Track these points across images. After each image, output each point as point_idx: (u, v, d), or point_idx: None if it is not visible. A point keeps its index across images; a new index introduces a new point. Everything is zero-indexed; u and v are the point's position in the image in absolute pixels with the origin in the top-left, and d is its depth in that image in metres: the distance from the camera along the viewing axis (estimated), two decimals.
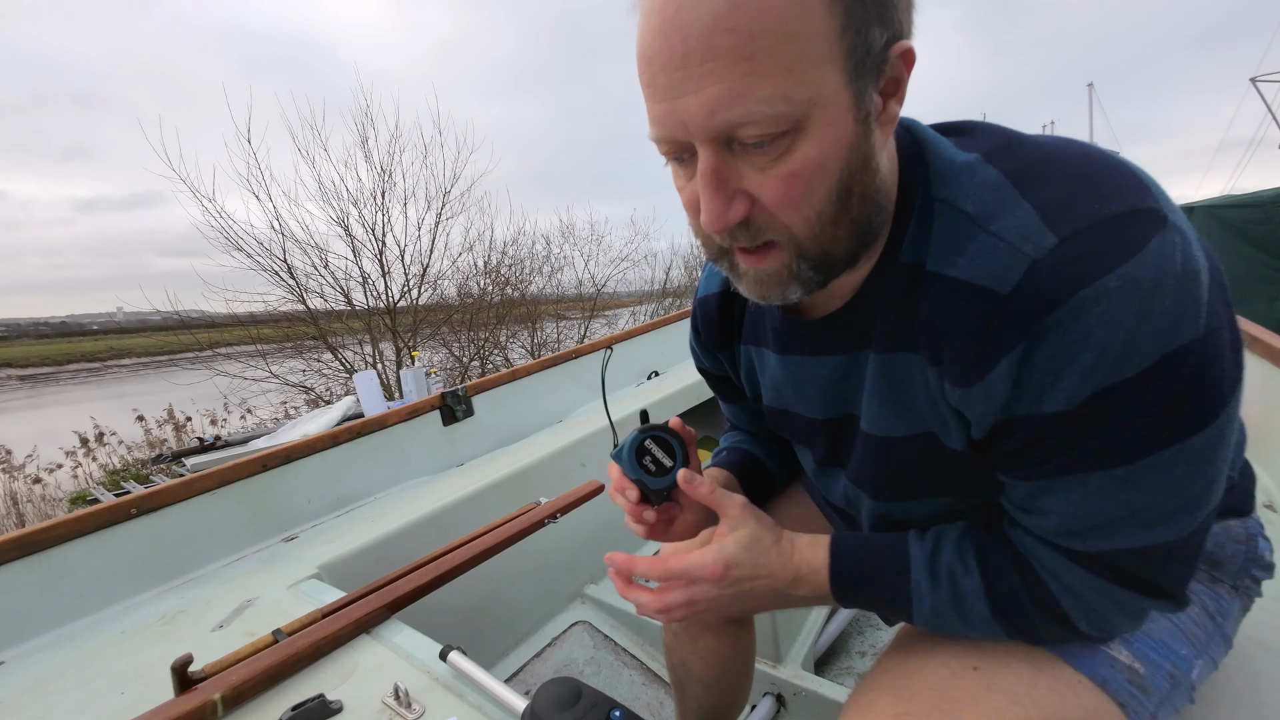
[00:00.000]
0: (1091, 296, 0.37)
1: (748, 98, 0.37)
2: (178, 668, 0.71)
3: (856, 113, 0.39)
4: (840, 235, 0.43)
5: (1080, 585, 0.46)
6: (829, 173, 0.40)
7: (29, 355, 47.43)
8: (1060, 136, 0.44)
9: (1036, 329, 0.39)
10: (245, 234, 6.47)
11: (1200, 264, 0.37)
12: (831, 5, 0.36)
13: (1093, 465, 0.41)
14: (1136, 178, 0.39)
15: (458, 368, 7.93)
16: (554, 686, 0.62)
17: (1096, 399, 0.38)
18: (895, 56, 0.40)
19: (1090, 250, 0.37)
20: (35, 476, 6.63)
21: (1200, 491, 0.41)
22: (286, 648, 0.77)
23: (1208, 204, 5.68)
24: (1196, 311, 0.37)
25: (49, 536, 1.02)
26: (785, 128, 0.38)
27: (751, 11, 0.35)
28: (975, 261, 0.41)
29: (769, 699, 1.15)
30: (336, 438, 1.41)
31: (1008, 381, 0.41)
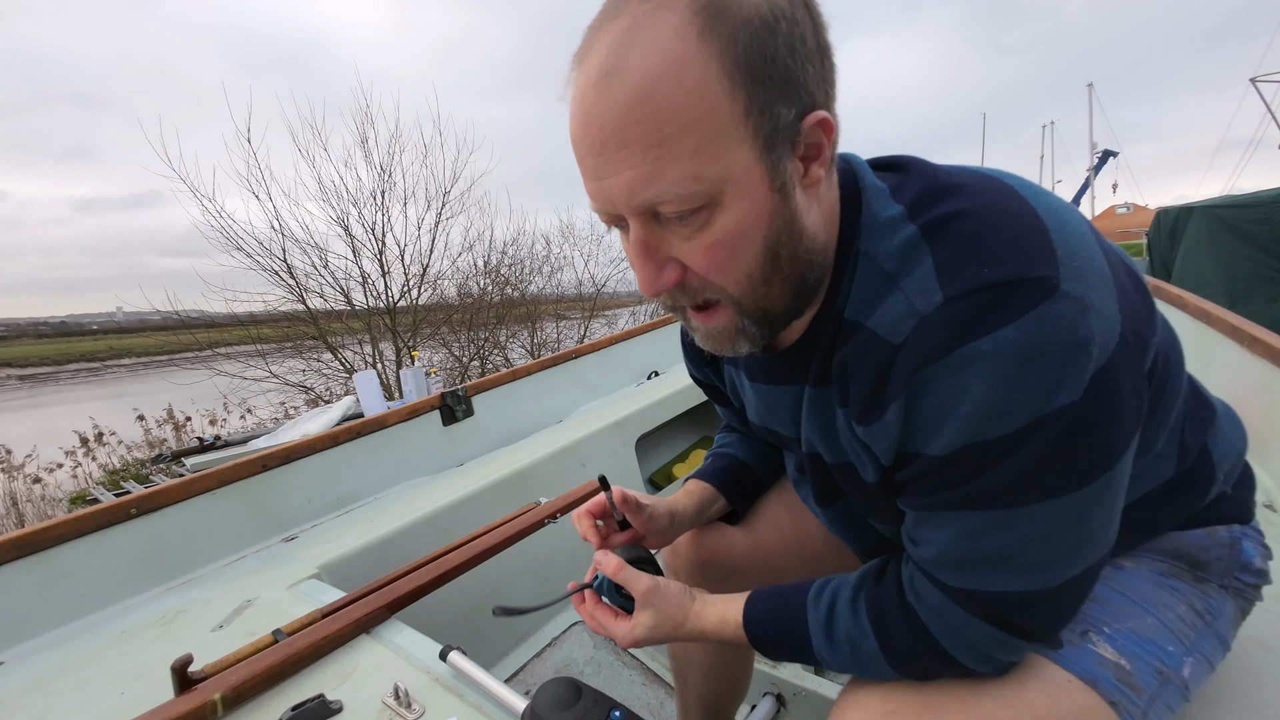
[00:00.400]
0: (968, 355, 0.39)
1: (661, 179, 0.40)
2: (178, 668, 0.71)
3: (772, 183, 0.42)
4: (774, 293, 0.46)
5: (959, 623, 0.47)
6: (751, 240, 0.43)
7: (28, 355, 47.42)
8: (992, 180, 0.45)
9: (918, 378, 0.42)
10: (245, 234, 6.48)
11: (1091, 334, 0.38)
12: (733, 91, 0.39)
13: (968, 505, 0.44)
14: (1038, 242, 0.40)
15: (457, 368, 7.93)
16: (554, 686, 0.62)
17: (972, 449, 0.41)
18: (810, 127, 0.42)
19: (971, 312, 0.39)
20: (35, 476, 6.63)
21: (1071, 547, 0.44)
22: (286, 648, 0.77)
23: (1207, 204, 5.68)
24: (1077, 379, 0.38)
25: (49, 536, 1.02)
26: (701, 204, 0.41)
27: (657, 102, 0.38)
28: (884, 314, 0.45)
29: (769, 698, 1.15)
30: (336, 438, 1.41)
31: (898, 423, 0.45)
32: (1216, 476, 0.58)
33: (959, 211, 0.43)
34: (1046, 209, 0.42)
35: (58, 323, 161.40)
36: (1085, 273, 0.40)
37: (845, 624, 0.53)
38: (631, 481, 1.77)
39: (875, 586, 0.54)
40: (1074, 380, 0.39)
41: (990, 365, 0.39)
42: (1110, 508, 0.44)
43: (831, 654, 0.54)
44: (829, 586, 0.57)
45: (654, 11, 0.39)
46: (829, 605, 0.55)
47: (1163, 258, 6.23)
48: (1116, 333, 0.40)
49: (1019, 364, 0.38)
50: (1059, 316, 0.38)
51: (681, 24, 0.38)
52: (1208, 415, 0.59)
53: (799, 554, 0.84)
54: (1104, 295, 0.40)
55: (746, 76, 0.39)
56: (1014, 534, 0.43)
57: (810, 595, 0.57)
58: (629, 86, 0.39)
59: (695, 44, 0.38)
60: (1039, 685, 0.50)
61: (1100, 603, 0.56)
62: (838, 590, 0.56)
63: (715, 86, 0.39)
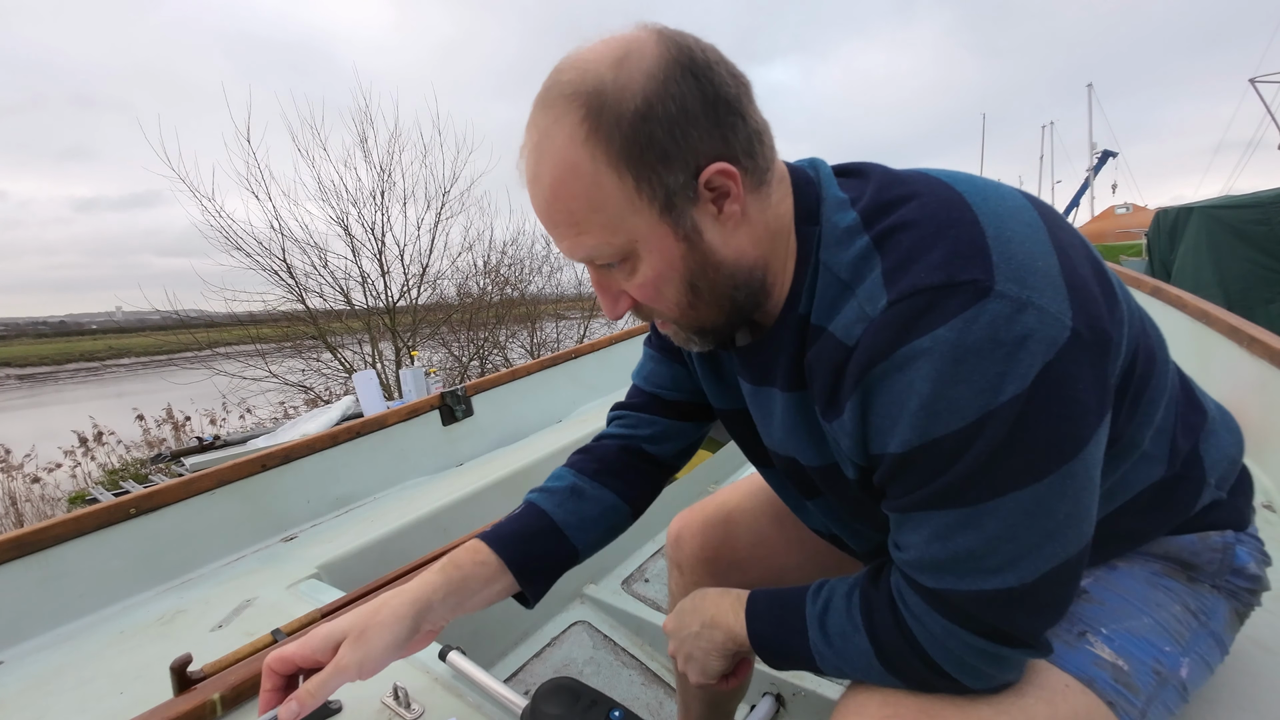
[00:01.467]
0: (910, 353, 0.43)
1: (584, 247, 0.50)
2: (176, 668, 0.71)
3: (677, 234, 0.49)
4: (703, 314, 0.54)
5: (940, 633, 0.48)
6: (669, 279, 0.51)
7: (28, 354, 47.38)
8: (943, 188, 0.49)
9: (869, 377, 0.46)
10: (244, 233, 6.48)
11: (1029, 330, 0.41)
12: (620, 175, 0.47)
13: (935, 504, 0.46)
14: (973, 248, 0.43)
15: (457, 367, 7.93)
16: (553, 686, 0.62)
17: (928, 446, 0.44)
18: (709, 176, 0.48)
19: (910, 314, 0.43)
20: (34, 476, 6.62)
21: (1038, 542, 0.45)
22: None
23: (1207, 205, 5.69)
24: (1020, 373, 0.41)
25: (48, 536, 1.02)
26: (622, 258, 0.51)
27: (565, 198, 0.48)
28: (841, 318, 0.49)
29: (768, 698, 1.15)
30: (336, 437, 1.41)
31: (856, 421, 0.48)
32: (1207, 482, 0.57)
33: (905, 222, 0.47)
34: (990, 215, 0.45)
35: (57, 322, 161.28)
36: (1023, 273, 0.42)
37: (839, 619, 0.54)
38: None
39: (869, 586, 0.54)
40: (1018, 374, 0.41)
41: (930, 362, 0.42)
42: (1076, 501, 0.45)
43: (827, 649, 0.55)
44: (828, 584, 0.58)
45: (554, 125, 0.47)
46: (825, 600, 0.56)
47: (1162, 258, 6.24)
48: (1066, 328, 0.42)
49: (955, 361, 0.41)
50: (993, 315, 0.41)
51: (572, 132, 0.47)
52: (1199, 419, 0.59)
53: (801, 550, 0.84)
54: (1047, 294, 0.42)
55: (630, 163, 0.46)
56: (982, 532, 0.45)
57: (809, 592, 0.58)
58: (546, 188, 0.49)
59: (583, 147, 0.46)
60: (1036, 692, 0.50)
61: (1096, 603, 0.57)
62: (835, 587, 0.57)
63: (604, 177, 0.47)
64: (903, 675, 0.51)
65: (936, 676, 0.49)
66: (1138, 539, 0.59)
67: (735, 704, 0.99)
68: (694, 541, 0.86)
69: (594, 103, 0.46)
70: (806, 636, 0.56)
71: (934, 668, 0.49)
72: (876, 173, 0.54)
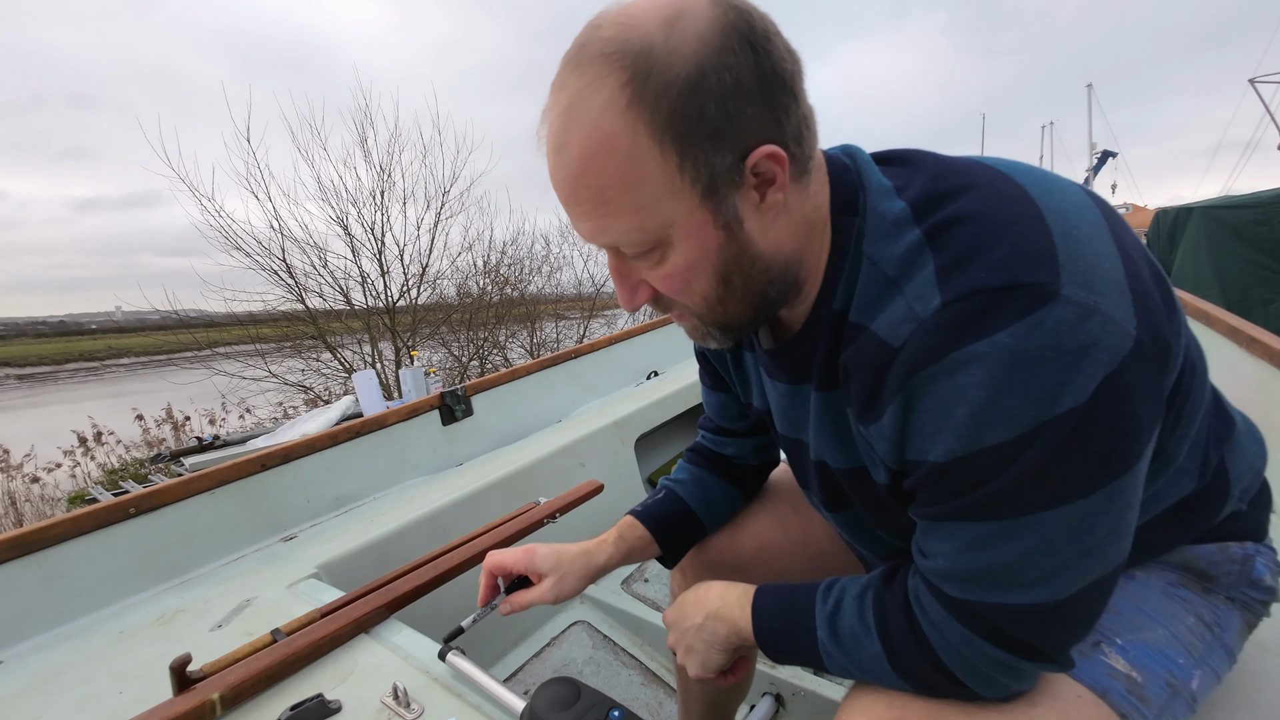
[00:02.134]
0: (963, 358, 0.40)
1: (611, 231, 0.46)
2: (176, 667, 0.71)
3: (716, 222, 0.45)
4: (731, 310, 0.50)
5: (959, 642, 0.47)
6: (701, 271, 0.47)
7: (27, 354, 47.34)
8: (1002, 179, 0.45)
9: (915, 381, 0.42)
10: (244, 233, 6.48)
11: (1094, 339, 0.38)
12: (663, 152, 0.42)
13: (972, 515, 0.43)
14: (1039, 247, 0.40)
15: (457, 367, 7.93)
16: (553, 686, 0.62)
17: (974, 456, 0.41)
18: (756, 161, 0.44)
19: (966, 316, 0.40)
20: (33, 476, 6.62)
21: (1077, 557, 0.42)
22: (285, 647, 0.77)
23: (1206, 205, 5.69)
24: (1081, 384, 0.38)
25: (47, 536, 1.02)
26: (651, 246, 0.46)
27: (596, 172, 0.43)
28: (886, 317, 0.45)
29: (768, 698, 1.15)
30: (335, 437, 1.41)
31: (896, 426, 0.45)
32: (1231, 494, 0.56)
33: (963, 215, 0.43)
34: (1055, 211, 0.42)
35: (56, 322, 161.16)
36: (1091, 277, 0.39)
37: (850, 619, 0.53)
38: (631, 481, 1.77)
39: (883, 588, 0.53)
40: (1078, 385, 0.38)
41: (984, 368, 0.39)
42: (1119, 518, 0.42)
43: (836, 649, 0.54)
44: (838, 584, 0.57)
45: (588, 87, 0.42)
46: (836, 600, 0.55)
47: (1162, 258, 6.23)
48: (1130, 337, 0.39)
49: (1013, 368, 0.38)
50: (1057, 322, 0.38)
51: (611, 98, 0.41)
52: (1227, 430, 0.57)
53: (805, 554, 0.84)
54: (1114, 300, 0.39)
55: (675, 138, 0.42)
56: (1019, 545, 0.42)
57: (819, 590, 0.57)
58: (573, 160, 0.44)
59: (623, 117, 0.41)
60: (1048, 701, 0.49)
61: (1113, 613, 0.55)
62: (846, 586, 0.56)
63: (645, 153, 0.42)
64: (913, 679, 0.50)
65: (948, 683, 0.48)
66: (1158, 549, 0.58)
67: (736, 704, 0.99)
68: (696, 548, 0.86)
69: (640, 66, 0.41)
70: (815, 635, 0.55)
71: (947, 674, 0.48)
72: (926, 160, 0.50)
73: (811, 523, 0.85)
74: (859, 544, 0.68)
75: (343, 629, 0.82)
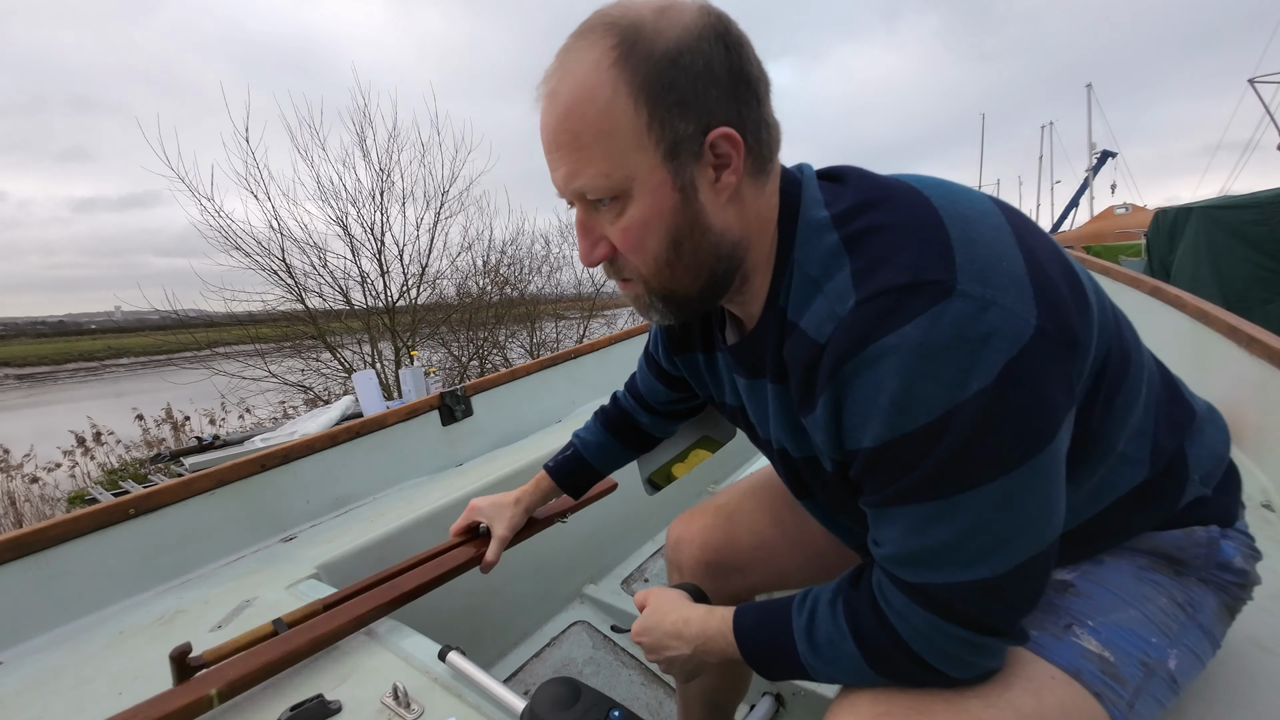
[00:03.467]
0: (879, 350, 0.44)
1: (582, 175, 0.51)
2: (176, 656, 0.71)
3: (674, 184, 0.50)
4: (678, 277, 0.54)
5: (922, 625, 0.49)
6: (655, 229, 0.52)
7: (27, 354, 47.32)
8: (914, 194, 0.50)
9: (840, 374, 0.47)
10: (244, 233, 6.48)
11: (993, 328, 0.43)
12: (635, 108, 0.48)
13: (908, 498, 0.47)
14: (938, 251, 0.45)
15: (456, 367, 7.93)
16: (553, 686, 0.62)
17: (899, 441, 0.45)
18: (714, 139, 0.49)
19: (877, 313, 0.45)
20: (33, 476, 6.62)
21: (1009, 535, 0.46)
22: (285, 643, 0.77)
23: (1206, 205, 5.69)
24: (985, 368, 0.42)
25: (47, 536, 1.02)
26: (614, 194, 0.51)
27: (576, 119, 0.49)
28: (812, 315, 0.51)
29: (768, 699, 1.15)
30: (335, 438, 1.41)
31: (829, 417, 0.50)
32: (1190, 479, 0.58)
33: (875, 225, 0.49)
34: (955, 218, 0.47)
35: (56, 322, 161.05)
36: (987, 274, 0.44)
37: (825, 627, 0.55)
38: (631, 482, 1.77)
39: (852, 590, 0.55)
40: (982, 370, 0.42)
41: (897, 359, 0.44)
42: (1045, 494, 0.46)
43: (816, 659, 0.55)
44: (811, 594, 0.58)
45: (584, 48, 0.49)
46: (810, 611, 0.56)
47: (1161, 258, 6.24)
48: (1031, 325, 0.43)
49: (921, 357, 0.43)
50: (955, 314, 0.43)
51: (600, 57, 0.48)
52: (1185, 418, 0.60)
53: (802, 551, 0.84)
54: (1012, 294, 0.44)
55: (647, 97, 0.48)
56: (955, 524, 0.46)
57: (794, 604, 0.58)
58: (560, 105, 0.50)
59: (608, 73, 0.48)
60: (1022, 683, 0.51)
61: (1083, 596, 0.57)
62: (818, 596, 0.57)
63: (621, 105, 0.48)
64: (891, 674, 0.52)
65: (923, 671, 0.50)
66: (1123, 535, 0.59)
67: (736, 704, 1.00)
68: (694, 544, 0.86)
69: (629, 35, 0.48)
70: (796, 650, 0.56)
71: (920, 662, 0.50)
72: (854, 176, 0.56)
73: (808, 520, 0.85)
74: (832, 531, 0.71)
75: (345, 624, 0.82)
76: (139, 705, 0.68)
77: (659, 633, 0.68)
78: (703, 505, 0.91)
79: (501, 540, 0.95)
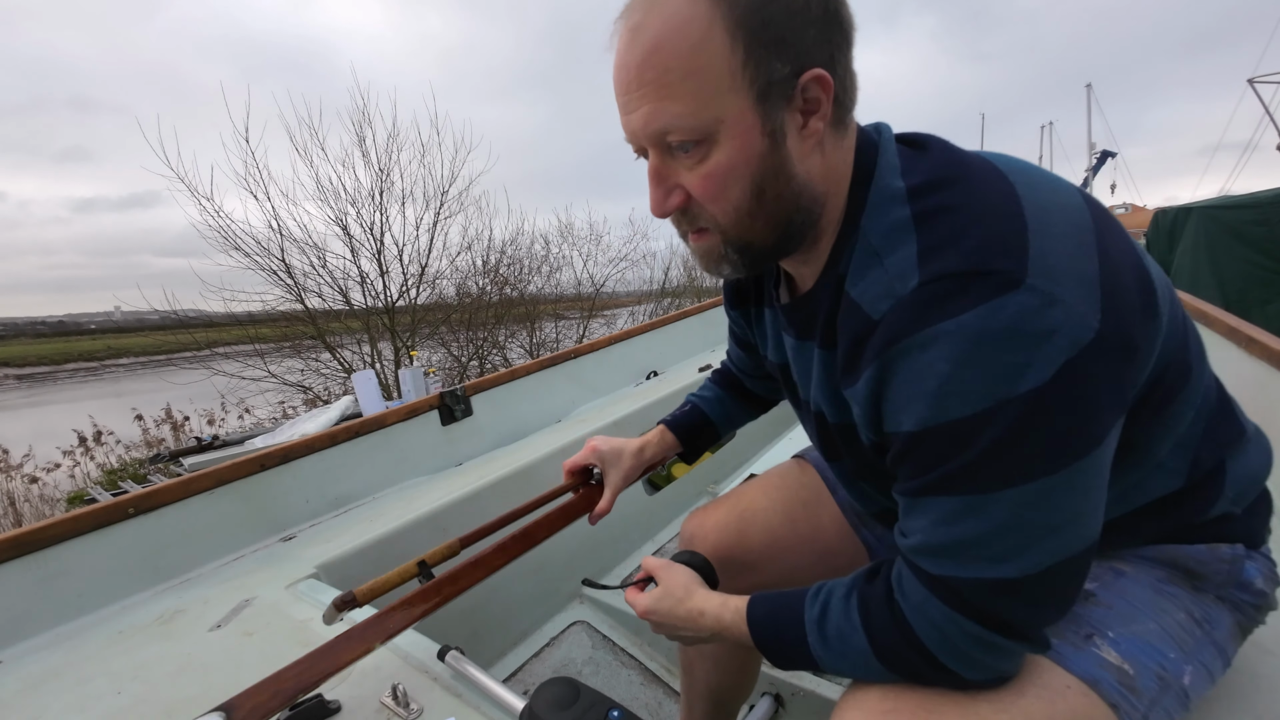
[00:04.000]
0: (933, 334, 0.43)
1: (665, 115, 0.48)
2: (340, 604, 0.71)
3: (763, 129, 0.48)
4: (758, 227, 0.52)
5: (940, 619, 0.48)
6: (740, 176, 0.50)
7: (26, 354, 47.30)
8: (997, 176, 0.48)
9: (889, 353, 0.46)
10: (243, 233, 6.47)
11: (1055, 326, 0.41)
12: (731, 46, 0.46)
13: (943, 489, 0.46)
14: (1012, 241, 0.43)
15: (456, 367, 7.93)
16: (552, 686, 0.62)
17: (941, 428, 0.44)
18: (806, 82, 0.47)
19: (938, 296, 0.44)
20: (32, 476, 6.61)
21: (1041, 535, 0.45)
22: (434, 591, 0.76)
23: (1205, 205, 5.69)
24: (1042, 365, 0.41)
25: (46, 536, 1.01)
26: (699, 138, 0.48)
27: (665, 54, 0.46)
28: (868, 287, 0.49)
29: (767, 699, 1.15)
30: (335, 437, 1.41)
31: (871, 394, 0.49)
32: (1224, 495, 0.57)
33: (950, 205, 0.47)
34: (1035, 207, 0.45)
35: (55, 322, 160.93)
36: (1056, 271, 0.42)
37: (837, 620, 0.54)
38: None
39: (866, 585, 0.55)
40: (1038, 367, 0.41)
41: (952, 344, 0.42)
42: (1084, 499, 0.45)
43: (825, 651, 0.55)
44: (825, 588, 0.58)
45: None
46: (823, 603, 0.56)
47: (1161, 259, 6.23)
48: (1092, 329, 0.42)
49: (977, 345, 0.42)
50: (1019, 307, 0.41)
51: None
52: (1232, 436, 0.58)
53: (814, 549, 0.85)
54: (1077, 293, 0.42)
55: (745, 34, 0.45)
56: (988, 520, 0.45)
57: (807, 596, 0.58)
58: (647, 40, 0.47)
59: (703, 6, 0.45)
60: (1036, 691, 0.50)
61: (1105, 606, 0.56)
62: (832, 589, 0.57)
63: (716, 43, 0.45)
64: (900, 671, 0.51)
65: (933, 670, 0.50)
66: (1138, 539, 0.59)
67: (739, 704, 0.99)
68: (708, 541, 0.87)
69: None
70: (806, 641, 0.56)
71: (931, 661, 0.49)
72: (936, 147, 0.53)
73: (820, 518, 0.85)
74: (850, 494, 0.73)
75: (480, 574, 0.80)
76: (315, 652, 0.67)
77: (672, 618, 0.68)
78: (715, 504, 0.92)
79: (616, 489, 0.91)
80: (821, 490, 0.88)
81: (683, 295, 9.97)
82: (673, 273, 10.11)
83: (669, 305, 9.85)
